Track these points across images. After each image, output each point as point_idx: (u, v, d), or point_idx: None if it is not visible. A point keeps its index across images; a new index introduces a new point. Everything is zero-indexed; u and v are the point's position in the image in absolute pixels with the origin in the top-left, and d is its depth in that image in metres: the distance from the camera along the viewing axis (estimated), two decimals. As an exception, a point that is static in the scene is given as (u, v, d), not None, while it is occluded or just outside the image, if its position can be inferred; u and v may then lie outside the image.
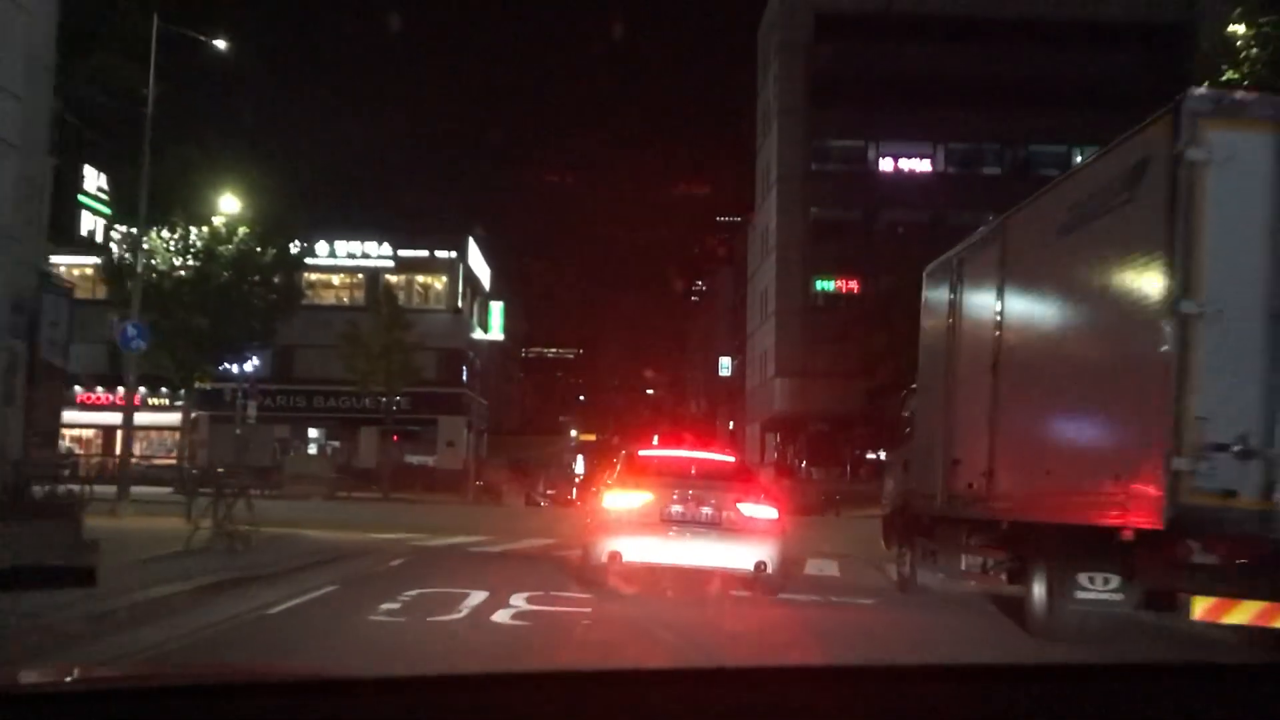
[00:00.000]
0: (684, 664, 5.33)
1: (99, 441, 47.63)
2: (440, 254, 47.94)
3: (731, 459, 12.83)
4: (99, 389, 46.62)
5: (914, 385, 12.29)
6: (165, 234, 35.26)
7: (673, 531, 10.21)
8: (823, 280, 50.60)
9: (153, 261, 35.22)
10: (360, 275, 47.64)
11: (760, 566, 10.07)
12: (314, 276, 48.63)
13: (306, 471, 38.52)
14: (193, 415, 44.86)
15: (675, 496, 10.31)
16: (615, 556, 10.20)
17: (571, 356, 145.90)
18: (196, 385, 37.96)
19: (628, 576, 10.45)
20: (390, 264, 47.47)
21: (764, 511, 10.56)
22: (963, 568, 9.75)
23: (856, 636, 8.41)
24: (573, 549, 12.23)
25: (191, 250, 35.75)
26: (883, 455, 49.52)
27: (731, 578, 10.49)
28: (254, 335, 37.43)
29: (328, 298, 48.92)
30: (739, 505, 10.43)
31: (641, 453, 12.43)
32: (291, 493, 35.91)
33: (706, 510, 10.32)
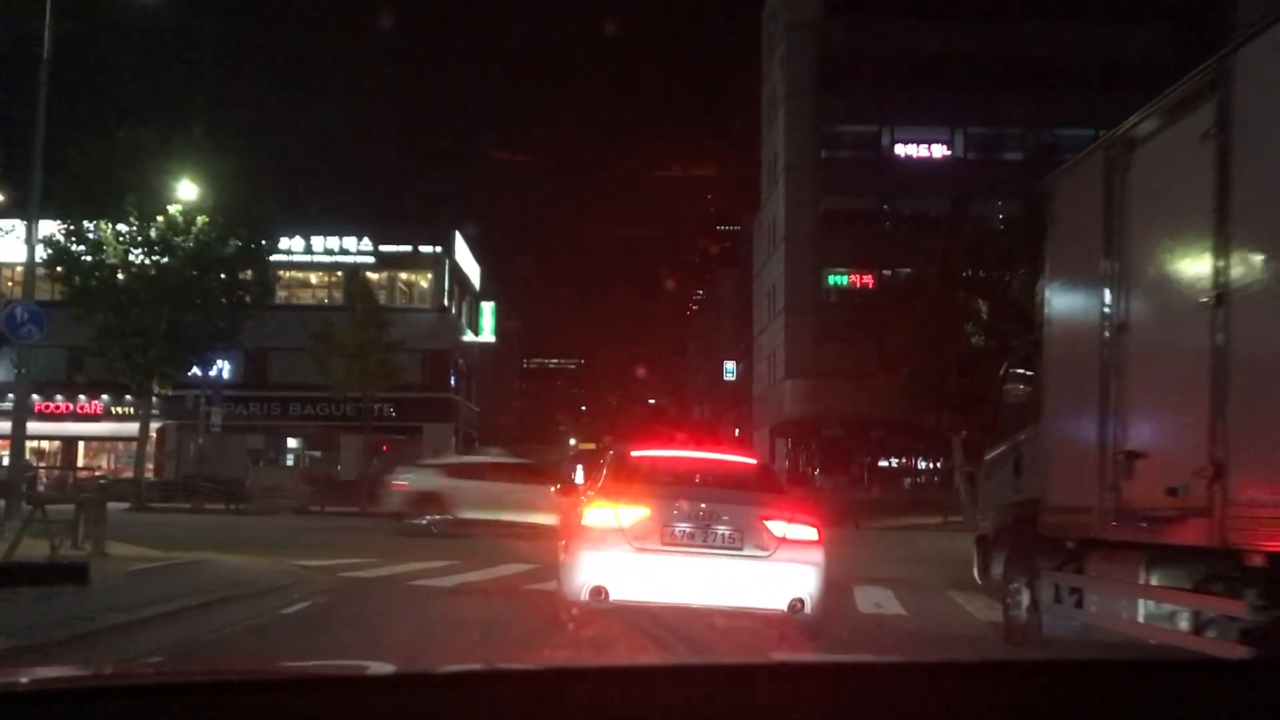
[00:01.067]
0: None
1: (59, 453, 44.21)
2: (425, 249, 44.51)
3: (752, 461, 9.50)
4: (58, 397, 43.30)
5: (1019, 352, 8.84)
6: (121, 226, 31.94)
7: (677, 558, 7.33)
8: (835, 275, 47.37)
9: (102, 255, 31.90)
10: (339, 273, 44.15)
11: (796, 605, 7.34)
12: (289, 274, 45.36)
13: (274, 484, 35.04)
14: (155, 425, 41.58)
15: (680, 511, 7.45)
16: (599, 593, 7.35)
17: (573, 366, 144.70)
18: (157, 391, 34.49)
19: (613, 626, 7.55)
20: (371, 260, 44.03)
21: (799, 530, 7.54)
22: (1139, 618, 6.28)
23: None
24: (553, 580, 8.94)
25: (146, 242, 32.35)
26: (895, 462, 46.59)
27: (759, 622, 7.61)
28: (219, 335, 34.06)
29: (304, 297, 45.54)
30: (766, 522, 7.49)
31: (635, 453, 9.11)
32: (258, 508, 32.62)
33: (722, 529, 7.39)
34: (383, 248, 44.40)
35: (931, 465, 45.70)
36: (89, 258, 32.14)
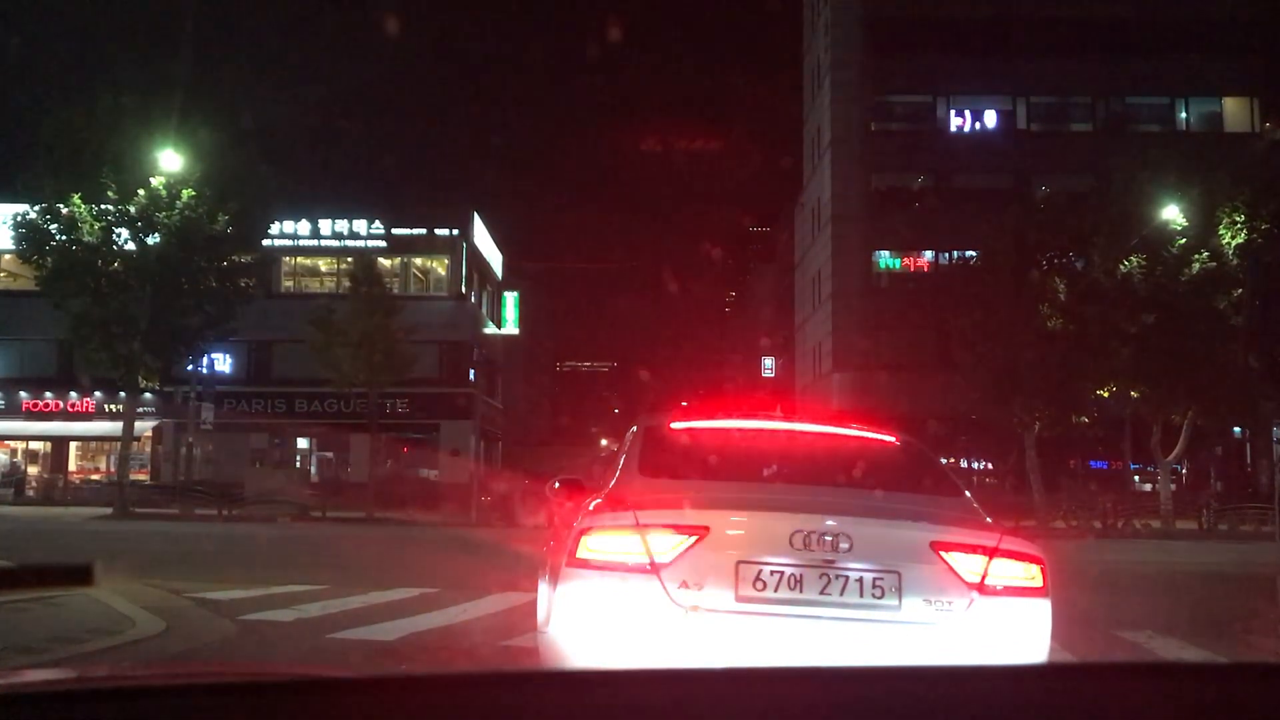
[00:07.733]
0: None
1: (48, 454, 41.08)
2: (440, 232, 41.06)
3: (891, 439, 4.90)
4: (48, 394, 40.18)
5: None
6: (98, 203, 28.69)
7: (768, 626, 3.54)
8: (886, 258, 43.55)
9: (77, 234, 28.64)
10: (349, 259, 40.80)
11: None
12: (295, 261, 42.09)
13: (273, 488, 31.68)
14: (151, 424, 38.46)
15: (771, 532, 3.65)
16: None
17: (606, 370, 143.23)
18: (144, 385, 31.19)
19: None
20: (383, 244, 40.62)
21: (1010, 569, 3.71)
22: None
23: None
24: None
25: (126, 218, 29.09)
26: (955, 461, 42.60)
27: None
28: (210, 323, 30.74)
29: (312, 285, 42.25)
30: (944, 554, 3.66)
31: (678, 426, 4.89)
32: (255, 515, 29.33)
33: (858, 569, 3.59)
34: (395, 231, 41.03)
35: (987, 465, 41.80)
36: (62, 237, 28.96)
